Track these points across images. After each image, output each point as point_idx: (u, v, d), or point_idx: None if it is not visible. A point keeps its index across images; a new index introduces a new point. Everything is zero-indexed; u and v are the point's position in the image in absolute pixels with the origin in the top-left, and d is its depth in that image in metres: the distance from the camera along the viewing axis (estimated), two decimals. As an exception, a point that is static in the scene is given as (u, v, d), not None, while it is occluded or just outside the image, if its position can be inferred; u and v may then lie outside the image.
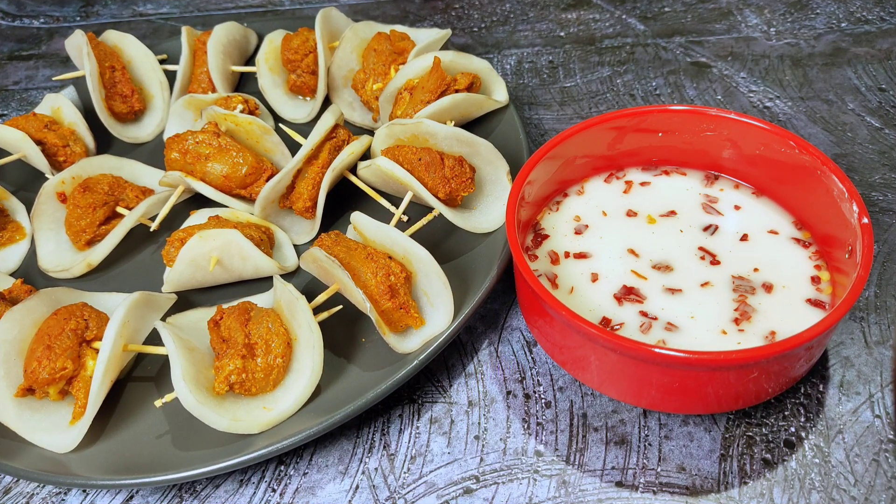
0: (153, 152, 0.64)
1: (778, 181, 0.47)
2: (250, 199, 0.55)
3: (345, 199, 0.57)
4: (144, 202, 0.54)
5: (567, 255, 0.45)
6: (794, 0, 0.77)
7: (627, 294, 0.43)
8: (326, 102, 0.64)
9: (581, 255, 0.45)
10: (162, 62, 0.68)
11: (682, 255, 0.45)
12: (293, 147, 0.57)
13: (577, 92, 0.69)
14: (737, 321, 0.41)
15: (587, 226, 0.47)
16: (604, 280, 0.44)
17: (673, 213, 0.47)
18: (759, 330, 0.40)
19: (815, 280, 0.42)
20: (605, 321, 0.42)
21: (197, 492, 0.43)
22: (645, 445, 0.42)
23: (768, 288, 0.42)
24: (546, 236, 0.47)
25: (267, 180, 0.54)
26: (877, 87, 0.65)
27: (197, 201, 0.59)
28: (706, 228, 0.46)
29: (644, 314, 0.41)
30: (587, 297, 0.43)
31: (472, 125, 0.59)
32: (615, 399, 0.44)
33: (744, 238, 0.45)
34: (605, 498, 0.40)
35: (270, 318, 0.43)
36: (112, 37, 0.68)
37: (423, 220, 0.50)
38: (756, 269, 0.43)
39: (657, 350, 0.35)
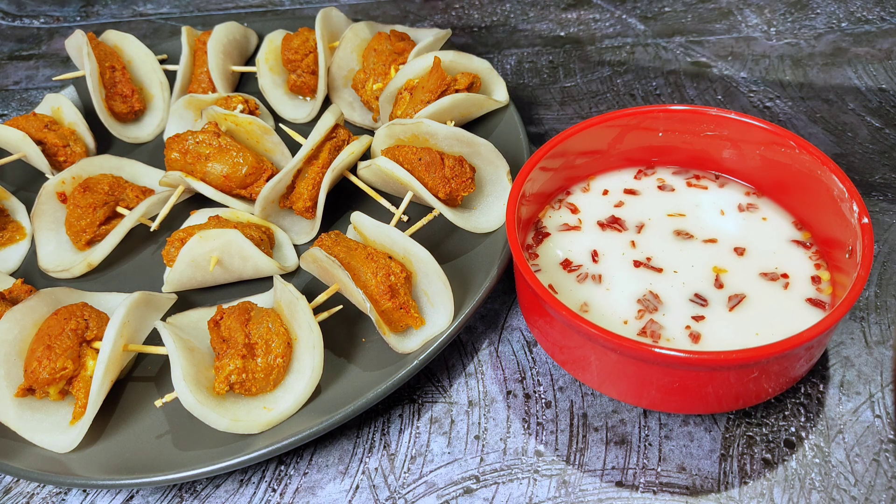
0: (153, 152, 0.64)
1: (778, 181, 0.47)
2: (250, 199, 0.55)
3: (345, 199, 0.57)
4: (144, 202, 0.54)
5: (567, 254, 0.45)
6: (795, 0, 0.77)
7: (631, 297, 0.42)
8: (326, 102, 0.64)
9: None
10: (162, 62, 0.68)
11: (681, 254, 0.45)
12: (293, 147, 0.57)
13: (578, 92, 0.69)
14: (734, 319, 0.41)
15: (588, 225, 0.47)
16: (605, 280, 0.44)
17: (672, 214, 0.47)
18: (755, 328, 0.40)
19: (816, 280, 0.42)
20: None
21: (197, 492, 0.43)
22: (645, 445, 0.42)
23: (768, 287, 0.42)
24: (547, 234, 0.47)
25: (267, 180, 0.54)
26: (877, 86, 0.65)
27: (197, 201, 0.59)
28: (706, 228, 0.46)
29: (643, 313, 0.41)
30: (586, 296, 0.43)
31: (473, 125, 0.59)
32: (615, 399, 0.44)
33: (742, 237, 0.45)
34: (605, 498, 0.40)
35: (270, 318, 0.43)
36: (112, 37, 0.68)
37: (424, 220, 0.50)
38: (755, 269, 0.43)
39: (657, 350, 0.35)
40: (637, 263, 0.44)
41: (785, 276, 0.42)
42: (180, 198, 0.56)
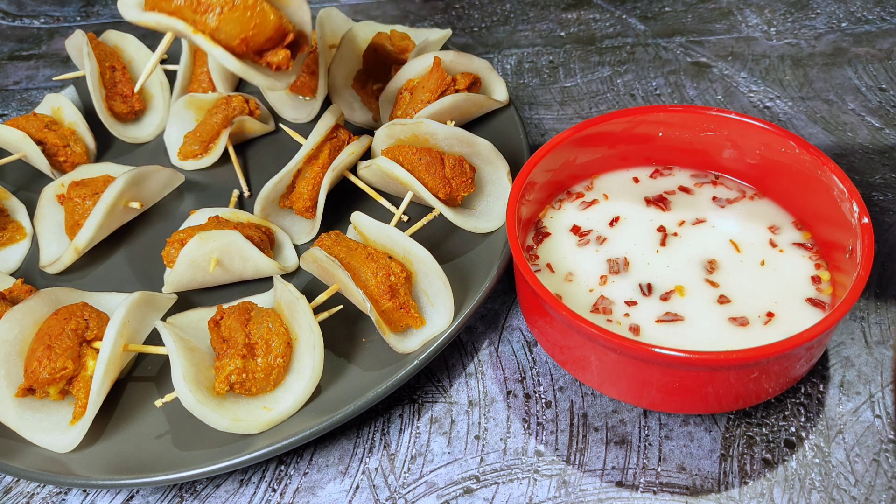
0: (154, 152, 0.64)
1: (778, 181, 0.47)
2: (261, 68, 0.43)
3: (345, 199, 0.57)
4: (123, 175, 0.53)
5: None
6: (795, 0, 0.77)
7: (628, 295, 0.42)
8: (327, 102, 0.64)
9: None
10: (162, 62, 0.68)
11: (681, 254, 0.44)
12: (294, 147, 0.57)
13: (578, 92, 0.69)
14: (735, 319, 0.41)
15: (589, 225, 0.47)
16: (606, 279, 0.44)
17: (671, 212, 0.47)
18: (758, 329, 0.40)
19: (816, 280, 0.42)
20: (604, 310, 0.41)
21: (197, 492, 0.43)
22: (645, 445, 0.42)
23: (768, 288, 0.42)
24: (547, 234, 0.47)
25: (288, 46, 0.42)
26: (877, 86, 0.65)
27: (195, 201, 0.59)
28: (705, 228, 0.46)
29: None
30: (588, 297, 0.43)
31: (473, 125, 0.59)
32: (615, 399, 0.44)
33: (742, 237, 0.45)
34: (605, 498, 0.40)
35: (271, 318, 0.43)
36: (112, 37, 0.68)
37: (424, 220, 0.50)
38: (756, 269, 0.43)
39: (657, 350, 0.35)
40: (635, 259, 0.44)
41: (785, 276, 0.42)
42: (161, 57, 0.44)
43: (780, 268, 0.43)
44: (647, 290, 0.42)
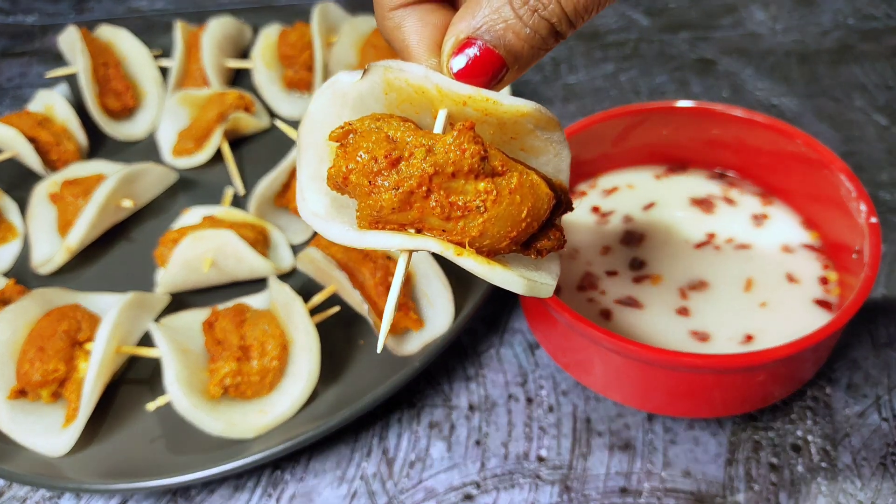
0: (147, 150, 0.63)
1: (785, 179, 0.46)
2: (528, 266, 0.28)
3: (343, 198, 0.56)
4: (116, 173, 0.52)
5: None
6: (800, -5, 0.76)
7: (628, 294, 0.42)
8: (324, 99, 0.63)
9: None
10: (156, 58, 0.67)
11: (688, 253, 0.44)
12: (289, 144, 0.56)
13: (581, 88, 0.68)
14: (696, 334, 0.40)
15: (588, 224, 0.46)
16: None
17: (677, 210, 0.46)
18: (767, 333, 0.39)
19: (824, 281, 0.42)
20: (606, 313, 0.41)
21: (191, 497, 0.42)
22: (650, 450, 0.41)
23: (775, 288, 0.41)
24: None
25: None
26: (884, 84, 0.64)
27: (188, 199, 0.58)
28: (712, 227, 0.45)
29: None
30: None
31: (473, 122, 0.58)
32: (620, 403, 0.43)
33: (750, 236, 0.44)
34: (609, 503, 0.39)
35: (266, 319, 0.43)
36: (106, 33, 0.66)
37: (423, 220, 0.49)
38: (762, 269, 0.42)
39: (662, 353, 0.34)
40: (635, 264, 0.43)
41: (793, 275, 0.42)
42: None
43: (788, 267, 0.42)
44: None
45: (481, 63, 0.24)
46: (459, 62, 0.24)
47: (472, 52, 0.24)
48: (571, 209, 0.28)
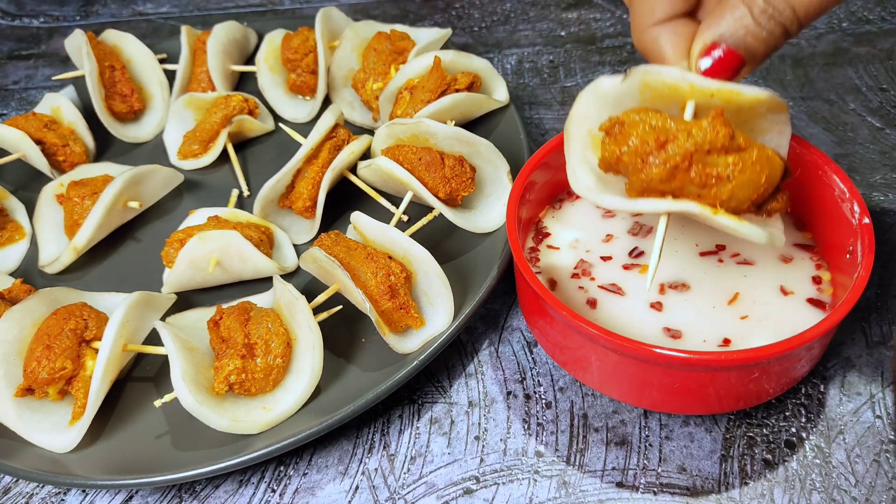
0: (153, 152, 0.64)
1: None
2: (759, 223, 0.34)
3: (345, 199, 0.56)
4: (122, 175, 0.53)
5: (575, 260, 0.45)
6: (795, 0, 0.77)
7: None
8: (326, 102, 0.64)
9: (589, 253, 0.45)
10: (162, 61, 0.68)
11: (689, 257, 0.44)
12: (293, 147, 0.57)
13: (578, 91, 0.69)
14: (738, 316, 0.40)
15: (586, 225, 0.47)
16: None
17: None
18: (758, 330, 0.40)
19: (817, 280, 0.42)
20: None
21: (196, 492, 0.43)
22: (646, 446, 0.42)
23: (765, 302, 0.41)
24: (547, 234, 0.47)
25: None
26: (878, 86, 0.65)
27: (194, 200, 0.59)
28: (723, 239, 0.45)
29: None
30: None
31: (473, 125, 0.59)
32: (616, 399, 0.44)
33: (751, 253, 0.44)
34: (605, 499, 0.40)
35: (270, 318, 0.43)
36: (112, 36, 0.67)
37: (424, 220, 0.50)
38: (755, 285, 0.42)
39: (658, 350, 0.35)
40: (628, 266, 0.44)
41: (785, 277, 0.42)
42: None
43: (781, 269, 0.43)
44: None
45: (725, 62, 0.30)
46: (706, 62, 0.30)
47: (717, 53, 0.30)
48: (792, 176, 0.33)
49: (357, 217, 0.49)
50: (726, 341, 0.40)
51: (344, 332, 0.47)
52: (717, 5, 0.31)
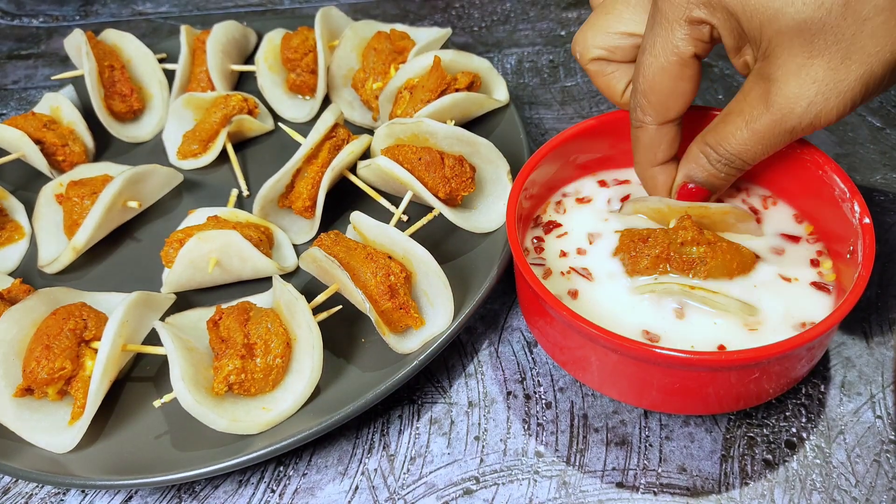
0: (152, 152, 0.64)
1: (779, 180, 0.46)
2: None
3: (344, 199, 0.56)
4: (122, 175, 0.53)
5: (566, 254, 0.45)
6: (796, -1, 0.77)
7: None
8: (326, 101, 0.64)
9: (581, 252, 0.45)
10: (161, 61, 0.68)
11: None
12: (293, 146, 0.57)
13: (578, 91, 0.69)
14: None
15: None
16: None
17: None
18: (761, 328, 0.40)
19: (815, 263, 0.42)
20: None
21: (196, 492, 0.43)
22: (646, 446, 0.42)
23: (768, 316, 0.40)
24: (547, 233, 0.47)
25: None
26: (878, 86, 0.65)
27: (194, 200, 0.59)
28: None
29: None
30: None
31: (473, 124, 0.59)
32: (616, 400, 0.44)
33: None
34: (605, 499, 0.40)
35: (270, 318, 0.43)
36: (111, 36, 0.67)
37: (423, 220, 0.50)
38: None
39: (658, 350, 0.35)
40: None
41: (788, 269, 0.42)
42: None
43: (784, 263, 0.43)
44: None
45: (696, 194, 0.42)
46: (682, 195, 0.42)
47: (690, 186, 0.42)
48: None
49: (357, 217, 0.49)
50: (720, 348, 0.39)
51: (344, 332, 0.47)
52: (685, 155, 0.41)
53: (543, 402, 0.45)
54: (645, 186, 0.44)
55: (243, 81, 0.69)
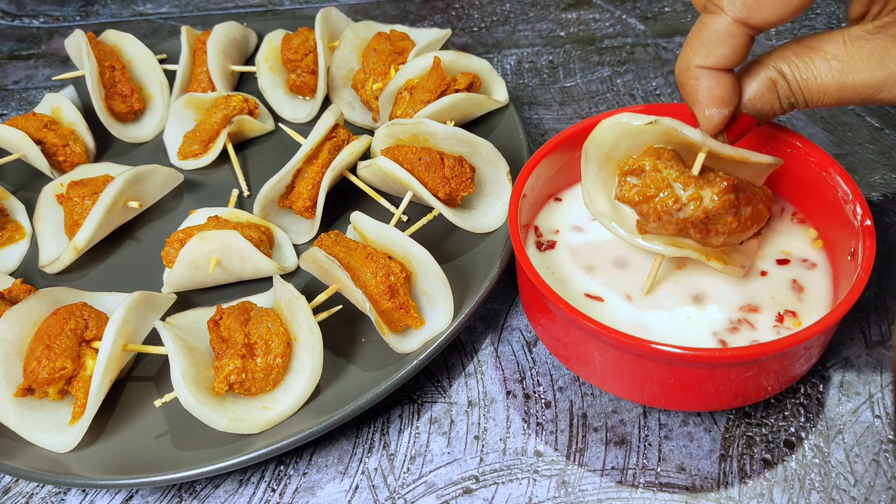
0: (153, 152, 0.64)
1: (780, 181, 0.47)
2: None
3: (345, 199, 0.57)
4: (122, 175, 0.53)
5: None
6: (795, 0, 0.77)
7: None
8: (326, 102, 0.64)
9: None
10: (162, 62, 0.68)
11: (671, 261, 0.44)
12: (293, 147, 0.57)
13: (577, 92, 0.69)
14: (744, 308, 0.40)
15: (587, 225, 0.47)
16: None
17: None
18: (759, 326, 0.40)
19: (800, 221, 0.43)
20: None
21: (196, 492, 0.43)
22: (645, 445, 0.42)
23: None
24: (547, 232, 0.47)
25: None
26: (877, 87, 0.65)
27: (194, 200, 0.59)
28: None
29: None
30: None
31: (472, 125, 0.59)
32: (616, 396, 0.44)
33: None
34: (604, 498, 0.40)
35: (270, 317, 0.43)
36: (112, 36, 0.68)
37: (423, 220, 0.50)
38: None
39: (657, 346, 0.35)
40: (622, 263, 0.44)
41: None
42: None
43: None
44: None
45: (740, 125, 0.35)
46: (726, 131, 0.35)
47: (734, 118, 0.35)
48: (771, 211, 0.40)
49: (357, 217, 0.49)
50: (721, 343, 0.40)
51: (344, 331, 0.47)
52: (746, 73, 0.35)
53: (543, 401, 0.45)
54: (682, 88, 0.36)
55: (244, 82, 0.69)
